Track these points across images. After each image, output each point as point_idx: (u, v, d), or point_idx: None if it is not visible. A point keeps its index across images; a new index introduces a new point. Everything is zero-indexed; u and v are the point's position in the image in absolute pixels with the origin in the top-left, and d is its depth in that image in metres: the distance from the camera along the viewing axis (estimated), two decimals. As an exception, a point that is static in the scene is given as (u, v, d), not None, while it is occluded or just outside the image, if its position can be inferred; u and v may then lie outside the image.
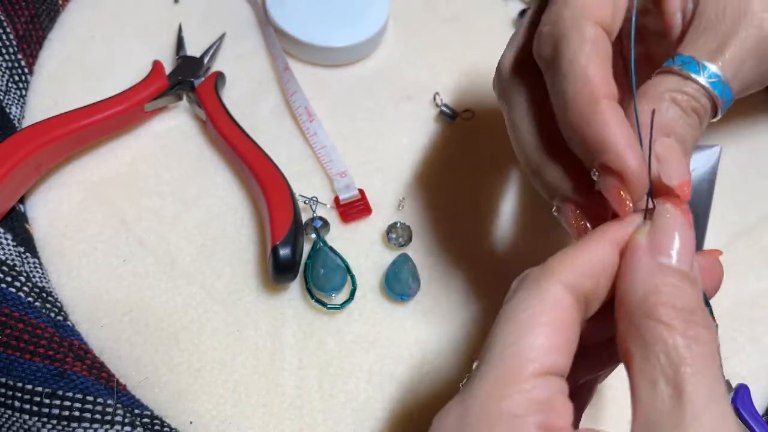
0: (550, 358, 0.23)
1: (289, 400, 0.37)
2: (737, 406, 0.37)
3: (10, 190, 0.38)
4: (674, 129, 0.28)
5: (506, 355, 0.23)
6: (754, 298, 0.43)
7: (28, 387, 0.33)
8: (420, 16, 0.53)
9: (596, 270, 0.25)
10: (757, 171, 0.48)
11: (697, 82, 0.28)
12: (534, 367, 0.23)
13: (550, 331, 0.23)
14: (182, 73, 0.46)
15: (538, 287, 0.24)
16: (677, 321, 0.23)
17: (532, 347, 0.23)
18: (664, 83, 0.29)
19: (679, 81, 0.29)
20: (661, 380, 0.22)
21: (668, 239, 0.25)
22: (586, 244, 0.25)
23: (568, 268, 0.25)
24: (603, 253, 0.25)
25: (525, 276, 0.26)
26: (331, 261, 0.40)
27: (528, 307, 0.24)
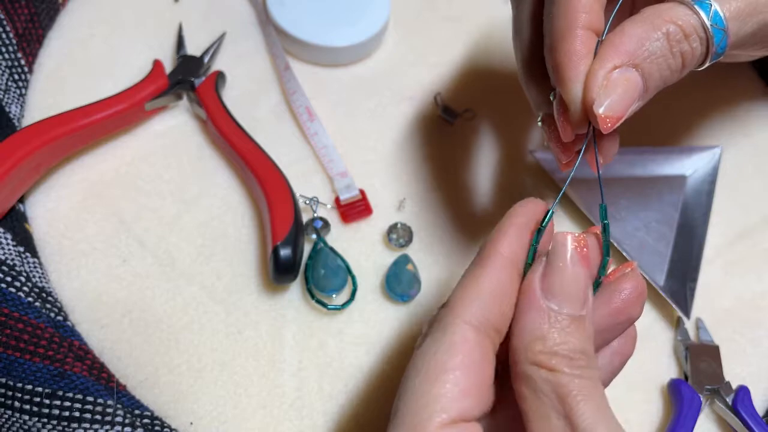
0: (459, 405, 0.23)
1: (289, 401, 0.37)
2: (737, 407, 0.37)
3: (10, 189, 0.38)
4: (649, 63, 0.28)
5: (416, 407, 0.23)
6: (755, 299, 0.43)
7: (28, 387, 0.33)
8: (420, 16, 0.53)
9: (497, 298, 0.25)
10: (757, 171, 0.48)
11: (702, 23, 0.28)
12: (442, 418, 0.23)
13: (458, 376, 0.24)
14: (182, 72, 0.45)
15: (444, 331, 0.25)
16: (561, 365, 0.24)
17: (439, 397, 0.23)
18: (669, 11, 0.28)
19: (683, 13, 0.28)
20: (552, 415, 0.23)
21: (559, 282, 0.25)
22: (481, 273, 0.26)
23: (471, 304, 0.25)
24: (499, 279, 0.25)
25: (433, 318, 0.26)
26: (331, 261, 0.40)
27: (435, 353, 0.24)
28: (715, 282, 0.43)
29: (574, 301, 0.25)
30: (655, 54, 0.28)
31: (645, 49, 0.28)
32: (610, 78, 0.27)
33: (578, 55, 0.28)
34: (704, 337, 0.40)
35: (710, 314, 0.42)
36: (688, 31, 0.28)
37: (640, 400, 0.39)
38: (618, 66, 0.27)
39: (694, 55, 0.29)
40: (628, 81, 0.28)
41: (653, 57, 0.28)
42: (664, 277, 0.42)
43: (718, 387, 0.38)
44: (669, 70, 0.29)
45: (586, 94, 0.28)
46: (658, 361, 0.40)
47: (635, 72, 0.28)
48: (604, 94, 0.27)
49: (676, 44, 0.28)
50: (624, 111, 0.28)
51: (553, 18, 0.29)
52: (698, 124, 0.49)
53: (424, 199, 0.44)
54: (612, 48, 0.28)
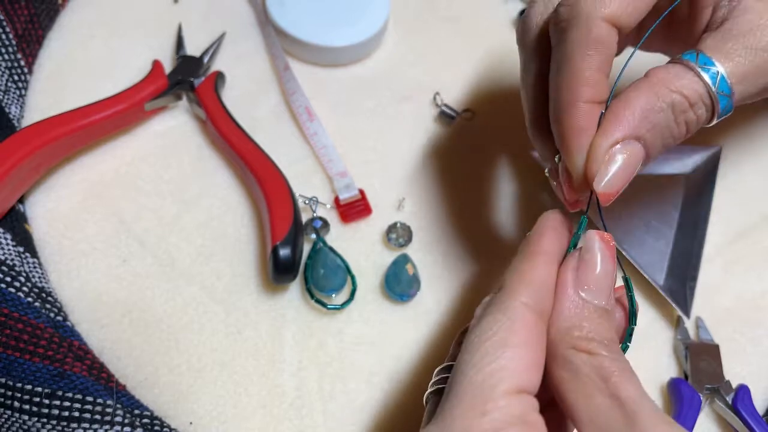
0: (522, 377, 0.24)
1: (289, 401, 0.37)
2: (737, 406, 0.37)
3: (10, 189, 0.38)
4: (651, 135, 0.28)
5: (480, 377, 0.24)
6: (755, 298, 0.43)
7: (28, 387, 0.33)
8: (420, 16, 0.53)
9: (547, 287, 0.27)
10: (757, 171, 0.48)
11: (709, 91, 0.28)
12: (508, 385, 0.24)
13: (522, 352, 0.25)
14: (182, 72, 0.45)
15: (505, 310, 0.25)
16: (599, 348, 0.25)
17: (505, 367, 0.24)
18: (675, 79, 0.28)
19: (689, 81, 0.28)
20: (596, 394, 0.24)
21: (591, 275, 0.27)
22: (532, 265, 0.27)
23: (527, 289, 0.26)
24: (546, 271, 0.27)
25: (489, 302, 0.27)
26: (331, 261, 0.40)
27: (498, 331, 0.25)
28: (715, 281, 0.43)
29: (603, 294, 0.26)
30: (659, 125, 0.28)
31: (648, 121, 0.28)
32: (611, 153, 0.28)
33: (580, 129, 0.28)
34: (704, 336, 0.40)
35: (710, 313, 0.42)
36: (693, 100, 0.28)
37: (640, 399, 0.39)
38: (620, 140, 0.28)
39: (699, 122, 0.29)
40: (630, 154, 0.28)
41: (657, 128, 0.28)
42: (663, 276, 0.42)
43: (718, 386, 0.38)
44: (672, 138, 0.29)
45: (587, 168, 0.28)
46: (657, 361, 0.40)
47: (637, 144, 0.28)
48: (604, 170, 0.28)
49: (680, 114, 0.28)
50: (623, 183, 0.28)
51: (557, 90, 0.29)
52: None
53: (423, 199, 0.44)
54: (616, 121, 0.28)
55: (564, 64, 0.29)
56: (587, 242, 0.27)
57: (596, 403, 0.24)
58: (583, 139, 0.28)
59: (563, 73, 0.29)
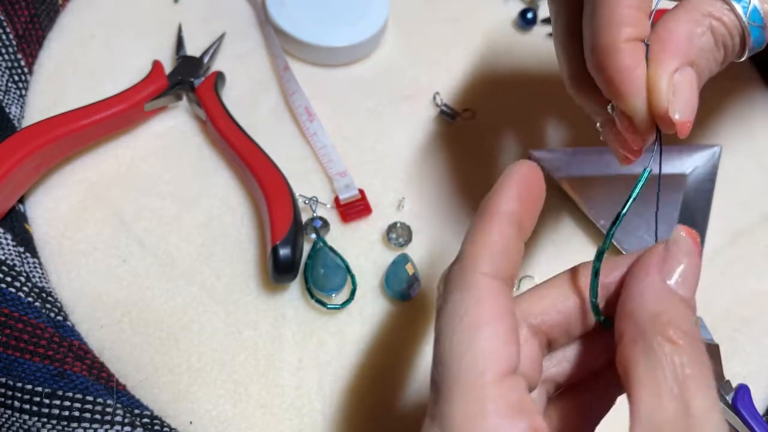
0: (503, 355, 0.23)
1: (289, 400, 0.37)
2: (737, 406, 0.37)
3: (10, 190, 0.38)
4: (699, 59, 0.28)
5: (462, 367, 0.23)
6: (755, 298, 0.43)
7: (28, 387, 0.33)
8: (420, 16, 0.53)
9: (506, 250, 0.25)
10: (757, 171, 0.48)
11: (740, 20, 0.28)
12: (494, 371, 0.23)
13: (496, 327, 0.24)
14: (182, 72, 0.45)
15: (467, 285, 0.24)
16: (684, 341, 0.23)
17: (484, 352, 0.23)
18: (708, 7, 0.28)
19: (724, 11, 0.28)
20: (665, 394, 0.23)
21: (679, 266, 0.25)
22: (489, 229, 0.26)
23: (485, 257, 0.25)
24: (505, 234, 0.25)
25: (447, 276, 0.26)
26: (331, 261, 0.40)
27: (466, 311, 0.24)
28: (715, 281, 0.43)
29: (690, 287, 0.25)
30: (705, 49, 0.28)
31: (695, 46, 0.27)
32: (675, 82, 0.27)
33: (630, 69, 0.27)
34: (704, 335, 0.40)
35: (710, 313, 0.41)
36: (729, 25, 0.28)
37: (640, 399, 0.39)
38: (678, 68, 0.27)
39: (735, 49, 0.29)
40: (691, 80, 0.27)
41: (703, 52, 0.28)
42: (663, 276, 0.42)
43: (718, 386, 0.38)
44: (716, 63, 0.28)
45: (655, 104, 0.27)
46: (658, 360, 0.40)
47: (691, 70, 0.27)
48: (675, 100, 0.27)
49: (720, 37, 0.28)
50: (694, 109, 0.27)
51: (596, 34, 0.28)
52: (698, 123, 0.48)
53: (423, 199, 0.44)
54: (667, 51, 0.27)
55: (599, 5, 0.28)
56: (674, 234, 0.26)
57: (663, 404, 0.22)
58: (636, 79, 0.27)
59: (599, 15, 0.28)
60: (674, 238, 0.26)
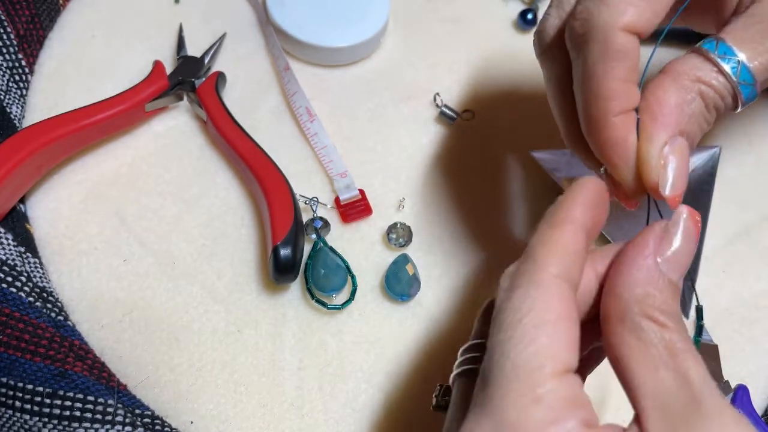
0: (564, 355, 0.23)
1: (290, 401, 0.37)
2: (736, 406, 0.37)
3: (11, 190, 0.38)
4: (691, 125, 0.28)
5: (523, 358, 0.23)
6: (754, 298, 0.43)
7: (29, 387, 0.33)
8: (420, 16, 0.53)
9: (577, 255, 0.25)
10: (757, 171, 0.48)
11: (729, 81, 0.28)
12: (553, 366, 0.23)
13: (561, 327, 0.23)
14: (183, 73, 0.46)
15: (536, 283, 0.24)
16: (671, 322, 0.24)
17: (547, 346, 0.23)
18: (695, 70, 0.28)
19: (712, 73, 0.28)
20: (661, 366, 0.23)
21: (674, 248, 0.25)
22: (561, 232, 0.25)
23: (556, 259, 0.25)
24: (577, 239, 0.25)
25: (514, 272, 0.25)
26: (331, 261, 0.40)
27: (533, 307, 0.24)
28: (714, 281, 0.43)
29: (679, 271, 0.25)
30: (695, 115, 0.28)
31: (685, 115, 0.27)
32: (664, 156, 0.27)
33: (619, 142, 0.28)
34: (703, 336, 0.40)
35: (709, 313, 0.42)
36: (718, 88, 0.28)
37: (639, 399, 0.39)
38: (667, 141, 0.27)
39: (727, 108, 0.29)
40: (682, 152, 0.27)
41: (694, 118, 0.28)
42: (663, 276, 0.42)
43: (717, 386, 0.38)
44: (707, 124, 0.29)
45: (645, 178, 0.27)
46: (657, 361, 0.40)
47: (682, 139, 0.28)
48: (665, 174, 0.27)
49: (710, 101, 0.28)
50: (685, 179, 0.27)
51: (585, 106, 0.28)
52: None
53: (424, 199, 0.44)
54: (657, 123, 0.27)
55: (587, 80, 0.28)
56: (676, 215, 0.26)
57: (661, 377, 0.23)
58: (626, 151, 0.28)
59: (588, 89, 0.28)
60: (675, 219, 0.26)
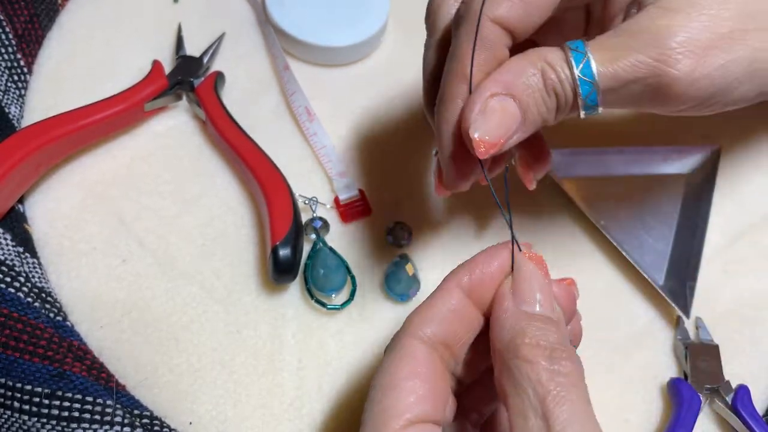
0: (417, 409, 0.25)
1: (289, 400, 0.37)
2: (737, 406, 0.37)
3: (10, 190, 0.38)
4: (525, 95, 0.29)
5: (378, 413, 0.26)
6: (755, 298, 0.43)
7: (28, 387, 0.33)
8: (420, 16, 0.52)
9: (446, 317, 0.27)
10: (757, 171, 0.48)
11: (572, 71, 0.29)
12: (403, 420, 0.25)
13: (413, 384, 0.26)
14: (182, 72, 0.45)
15: (399, 348, 0.27)
16: (541, 358, 0.25)
17: (397, 402, 0.26)
18: (548, 54, 0.29)
19: (560, 60, 0.29)
20: (531, 414, 0.24)
21: (529, 289, 0.27)
22: (436, 294, 0.28)
23: (421, 322, 0.27)
24: (450, 300, 0.28)
25: (391, 341, 0.28)
26: (331, 261, 0.40)
27: (389, 366, 0.27)
28: (715, 281, 0.43)
29: (544, 304, 0.27)
30: (532, 87, 0.29)
31: (522, 81, 0.29)
32: (487, 105, 0.29)
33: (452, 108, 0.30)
34: (704, 336, 0.40)
35: (710, 313, 0.42)
36: (561, 75, 0.29)
37: (639, 399, 0.39)
38: (495, 94, 0.29)
39: (567, 101, 0.30)
40: (505, 109, 0.29)
41: (530, 90, 0.29)
42: (663, 276, 0.42)
43: (717, 386, 0.38)
44: (545, 107, 0.30)
45: (463, 118, 0.29)
46: (657, 361, 0.40)
47: (512, 101, 0.29)
48: (480, 120, 0.28)
49: (549, 82, 0.29)
50: (501, 137, 0.29)
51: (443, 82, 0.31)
52: (697, 124, 0.49)
53: (423, 198, 0.44)
54: (491, 78, 0.29)
55: (451, 57, 0.31)
56: (517, 261, 0.28)
57: (528, 425, 0.24)
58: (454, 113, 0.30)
59: (449, 67, 0.31)
60: (517, 264, 0.28)
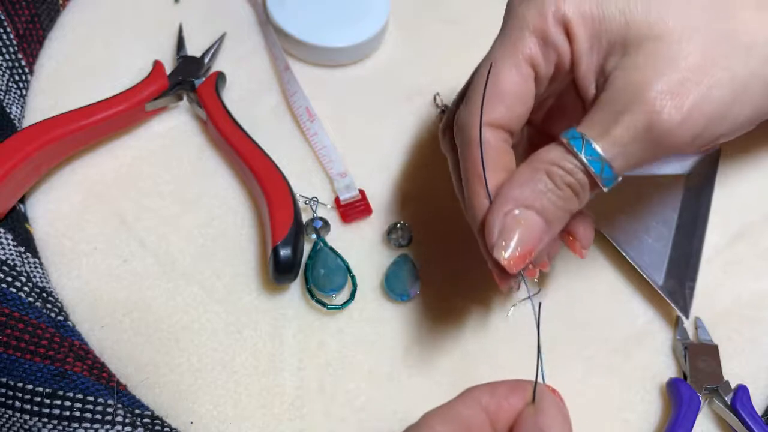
0: None
1: (290, 401, 0.37)
2: (736, 407, 0.37)
3: (11, 190, 0.38)
4: (541, 201, 0.30)
5: None
6: (754, 298, 0.43)
7: (29, 387, 0.33)
8: (420, 16, 0.53)
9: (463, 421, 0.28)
10: (756, 171, 0.48)
11: (577, 158, 0.30)
12: None
13: None
14: (183, 73, 0.46)
15: None
16: None
17: None
18: (547, 154, 0.31)
19: (561, 154, 0.30)
20: None
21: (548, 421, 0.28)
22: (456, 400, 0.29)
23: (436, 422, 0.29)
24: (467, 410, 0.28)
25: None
26: (331, 261, 0.40)
27: None
28: (714, 281, 0.43)
29: None
30: (542, 191, 0.30)
31: (530, 190, 0.30)
32: (505, 222, 0.30)
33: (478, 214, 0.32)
34: (703, 336, 0.40)
35: (709, 313, 0.42)
36: (566, 167, 0.30)
37: (639, 399, 0.39)
38: (508, 212, 0.30)
39: (582, 185, 0.30)
40: (524, 221, 0.30)
41: (542, 194, 0.30)
42: (663, 276, 0.42)
43: (717, 386, 0.38)
44: (563, 201, 0.30)
45: (488, 241, 0.30)
46: (656, 361, 0.40)
47: (530, 212, 0.30)
48: (501, 239, 0.30)
49: (558, 178, 0.30)
50: (531, 247, 0.30)
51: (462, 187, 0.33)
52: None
53: (423, 199, 0.44)
54: (502, 196, 0.30)
55: (461, 164, 0.33)
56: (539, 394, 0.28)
57: None
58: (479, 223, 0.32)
59: (462, 173, 0.33)
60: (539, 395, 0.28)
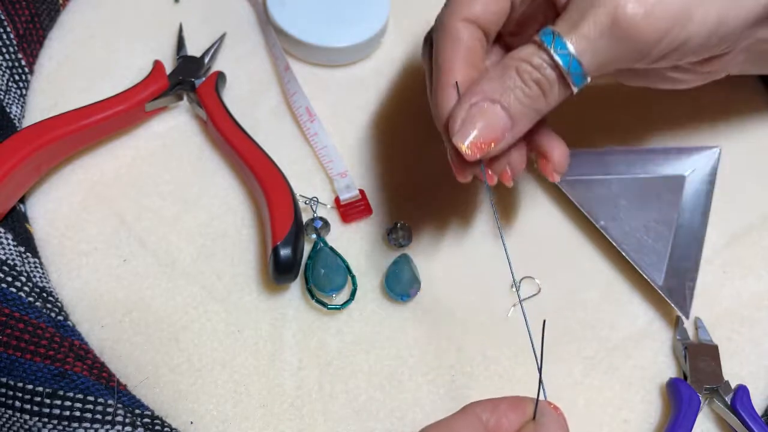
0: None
1: (290, 401, 0.37)
2: (736, 407, 0.37)
3: (11, 189, 0.38)
4: (504, 96, 0.31)
5: None
6: (754, 299, 0.43)
7: (29, 387, 0.33)
8: (420, 16, 0.53)
9: None
10: (757, 171, 0.48)
11: (547, 52, 0.31)
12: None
13: None
14: (183, 73, 0.45)
15: None
16: None
17: None
18: (519, 51, 0.32)
19: (533, 50, 0.31)
20: None
21: None
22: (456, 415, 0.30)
23: None
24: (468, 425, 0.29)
25: None
26: (331, 261, 0.40)
27: None
28: (714, 281, 0.43)
29: None
30: (510, 87, 0.31)
31: (499, 85, 0.32)
32: (469, 112, 0.31)
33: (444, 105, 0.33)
34: (703, 336, 0.40)
35: (709, 314, 0.42)
36: (535, 63, 0.31)
37: (639, 399, 0.39)
38: (475, 103, 0.32)
39: (551, 81, 0.31)
40: (487, 113, 0.31)
41: (509, 90, 0.31)
42: (663, 276, 0.42)
43: (717, 386, 0.38)
44: (529, 99, 0.31)
45: (449, 126, 0.32)
46: (656, 361, 0.40)
47: (495, 105, 0.31)
48: (463, 127, 0.32)
49: (527, 74, 0.31)
50: (491, 138, 0.32)
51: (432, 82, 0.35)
52: (697, 124, 0.49)
53: (423, 198, 0.44)
54: (469, 90, 0.32)
55: (434, 60, 0.35)
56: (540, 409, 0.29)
57: None
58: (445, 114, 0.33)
59: (435, 77, 0.35)
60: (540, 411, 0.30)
